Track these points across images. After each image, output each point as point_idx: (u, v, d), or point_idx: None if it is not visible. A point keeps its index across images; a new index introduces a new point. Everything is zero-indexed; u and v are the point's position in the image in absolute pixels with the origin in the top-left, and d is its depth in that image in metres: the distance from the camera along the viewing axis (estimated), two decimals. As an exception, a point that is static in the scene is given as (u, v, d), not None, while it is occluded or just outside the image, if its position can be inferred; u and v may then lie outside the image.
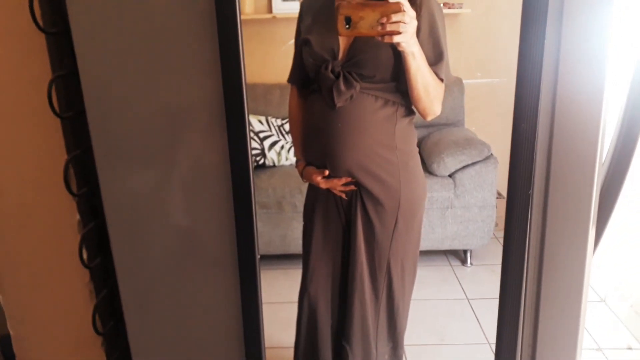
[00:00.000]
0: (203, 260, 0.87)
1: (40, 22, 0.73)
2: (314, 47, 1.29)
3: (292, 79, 1.44)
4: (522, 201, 0.71)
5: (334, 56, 1.27)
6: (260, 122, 2.72)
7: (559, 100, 0.70)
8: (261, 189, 2.48)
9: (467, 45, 2.96)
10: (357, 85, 1.26)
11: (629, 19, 0.82)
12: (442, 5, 2.83)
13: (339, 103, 1.27)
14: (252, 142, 2.67)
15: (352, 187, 1.35)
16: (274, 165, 2.72)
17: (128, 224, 0.85)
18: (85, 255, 0.85)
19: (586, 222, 0.78)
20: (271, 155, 2.70)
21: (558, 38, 0.70)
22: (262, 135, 2.70)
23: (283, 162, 2.72)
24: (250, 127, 2.69)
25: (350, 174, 1.33)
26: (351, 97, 1.27)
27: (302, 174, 1.44)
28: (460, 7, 2.83)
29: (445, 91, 1.31)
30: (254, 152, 2.68)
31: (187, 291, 0.89)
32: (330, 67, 1.26)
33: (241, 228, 0.84)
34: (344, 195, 1.37)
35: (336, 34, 1.26)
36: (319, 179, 1.36)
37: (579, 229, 0.78)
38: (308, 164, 1.41)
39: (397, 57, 1.22)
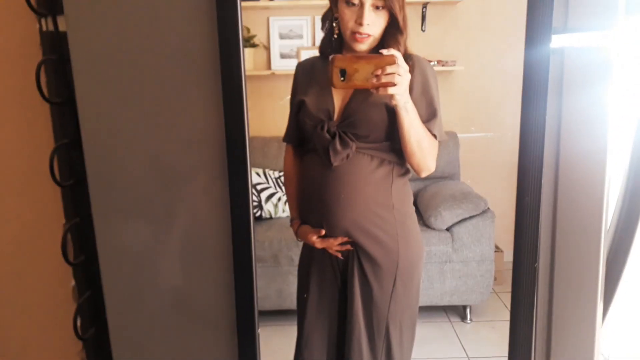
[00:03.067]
0: (201, 324, 0.84)
1: (46, 93, 0.73)
2: (309, 108, 1.30)
3: (287, 138, 1.44)
4: (529, 273, 0.70)
5: (330, 117, 1.29)
6: (257, 174, 2.73)
7: (561, 172, 0.70)
8: (257, 242, 2.44)
9: (461, 101, 3.02)
10: (353, 145, 1.26)
11: (628, 85, 0.84)
12: (435, 62, 2.91)
13: (335, 163, 1.27)
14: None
15: (349, 247, 1.33)
16: (271, 217, 2.71)
17: (125, 289, 0.83)
18: (79, 325, 0.82)
19: (594, 292, 0.76)
20: (268, 208, 2.69)
21: (559, 110, 0.71)
22: (259, 187, 2.70)
23: (280, 214, 2.71)
24: (247, 180, 2.69)
25: (347, 234, 1.32)
26: (347, 156, 1.27)
27: (297, 233, 1.41)
28: (454, 65, 2.90)
29: (440, 146, 1.32)
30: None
31: (186, 358, 0.86)
32: (326, 128, 1.27)
33: (240, 287, 0.82)
34: (340, 255, 1.35)
35: (331, 94, 1.29)
36: (314, 238, 1.34)
37: (586, 299, 0.76)
38: (303, 223, 1.40)
39: (391, 116, 1.23)
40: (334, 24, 1.27)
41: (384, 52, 1.12)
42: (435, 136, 1.28)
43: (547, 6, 0.65)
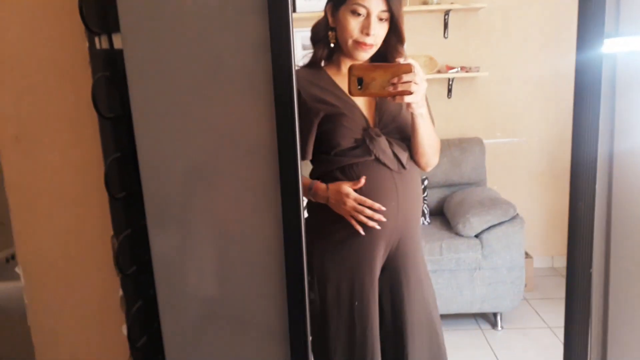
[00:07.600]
0: (253, 332, 0.84)
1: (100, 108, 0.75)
2: (348, 116, 1.25)
3: (305, 155, 1.30)
4: (583, 280, 0.70)
5: (368, 123, 1.28)
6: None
7: (615, 176, 0.70)
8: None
9: (485, 107, 3.00)
10: (406, 146, 1.30)
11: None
12: (459, 68, 2.91)
13: (407, 165, 1.29)
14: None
15: (382, 218, 1.25)
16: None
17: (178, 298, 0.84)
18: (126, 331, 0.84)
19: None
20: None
21: (612, 112, 0.71)
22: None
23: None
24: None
25: (410, 234, 1.33)
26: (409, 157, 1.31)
27: (318, 191, 1.29)
28: (478, 71, 2.89)
29: (466, 151, 1.36)
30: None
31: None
32: (376, 133, 1.26)
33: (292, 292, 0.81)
34: (376, 225, 1.26)
35: (354, 102, 1.27)
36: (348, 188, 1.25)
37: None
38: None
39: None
40: (330, 33, 1.27)
41: (401, 60, 1.13)
42: None
43: (599, 11, 0.65)
